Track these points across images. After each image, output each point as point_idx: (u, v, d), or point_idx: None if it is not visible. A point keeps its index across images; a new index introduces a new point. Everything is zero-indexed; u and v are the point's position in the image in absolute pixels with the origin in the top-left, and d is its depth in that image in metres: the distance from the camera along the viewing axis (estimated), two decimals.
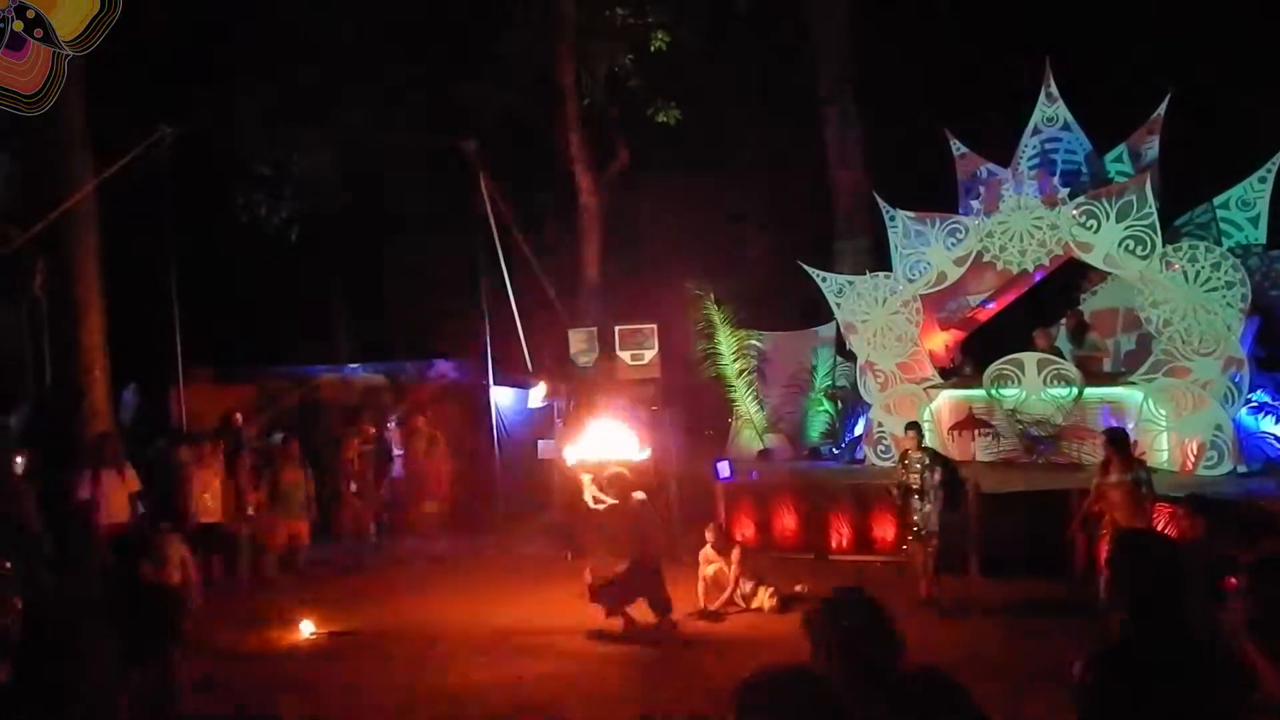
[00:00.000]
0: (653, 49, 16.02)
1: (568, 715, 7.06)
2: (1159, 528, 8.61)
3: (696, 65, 16.74)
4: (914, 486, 9.40)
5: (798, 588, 9.69)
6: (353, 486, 12.60)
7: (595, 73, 16.41)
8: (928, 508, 9.33)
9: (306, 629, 9.47)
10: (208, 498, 11.56)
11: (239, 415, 12.71)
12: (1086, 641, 3.08)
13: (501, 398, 14.91)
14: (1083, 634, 6.62)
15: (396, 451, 14.06)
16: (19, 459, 11.12)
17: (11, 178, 13.79)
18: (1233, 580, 6.48)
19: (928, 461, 9.50)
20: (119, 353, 14.48)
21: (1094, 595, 7.62)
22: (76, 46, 10.44)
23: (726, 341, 14.30)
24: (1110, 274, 12.31)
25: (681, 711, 7.00)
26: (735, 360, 14.29)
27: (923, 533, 9.35)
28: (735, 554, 9.84)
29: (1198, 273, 11.02)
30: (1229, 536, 6.55)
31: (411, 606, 10.26)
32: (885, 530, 11.28)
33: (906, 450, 9.74)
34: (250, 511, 11.65)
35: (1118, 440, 8.90)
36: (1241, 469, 10.69)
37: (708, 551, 9.92)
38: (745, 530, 11.93)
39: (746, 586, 9.71)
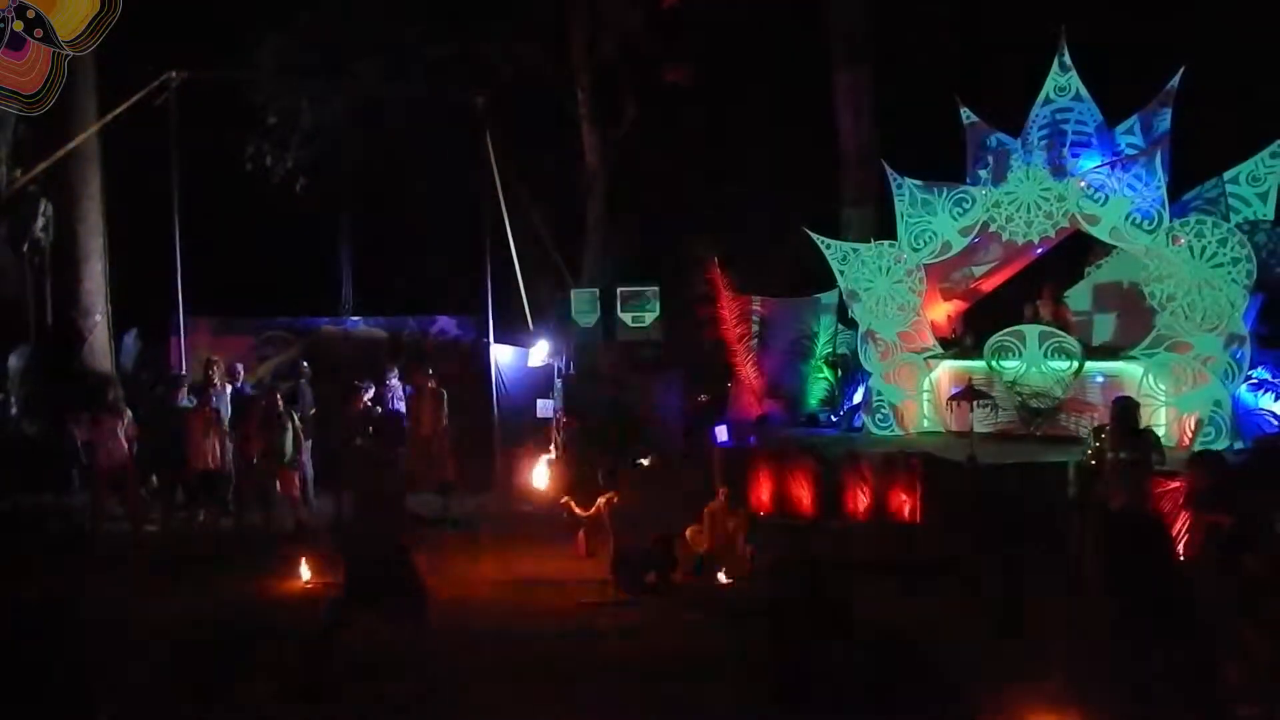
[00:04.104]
0: (664, 7, 15.89)
1: (563, 669, 7.11)
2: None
3: (708, 27, 16.59)
4: None
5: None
6: (358, 441, 12.56)
7: (606, 31, 16.28)
8: None
9: (303, 578, 9.52)
10: (208, 446, 11.61)
11: (219, 365, 12.65)
12: (1074, 614, 3.09)
13: (502, 356, 14.92)
14: (1071, 606, 6.68)
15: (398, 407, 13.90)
16: None
17: (11, 118, 13.71)
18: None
19: None
20: (121, 298, 14.51)
21: (1087, 568, 7.67)
22: (76, 46, 10.54)
23: (729, 306, 14.27)
24: (1116, 247, 12.25)
25: (676, 669, 7.04)
26: (737, 325, 14.27)
27: None
28: (739, 515, 9.83)
29: (1204, 248, 10.95)
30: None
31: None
32: (880, 498, 11.29)
33: None
34: (256, 460, 11.71)
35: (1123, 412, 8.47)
36: (1238, 445, 10.69)
37: (715, 510, 9.90)
38: (741, 494, 11.93)
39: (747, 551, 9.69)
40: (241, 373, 13.51)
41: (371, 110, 17.21)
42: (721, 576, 9.30)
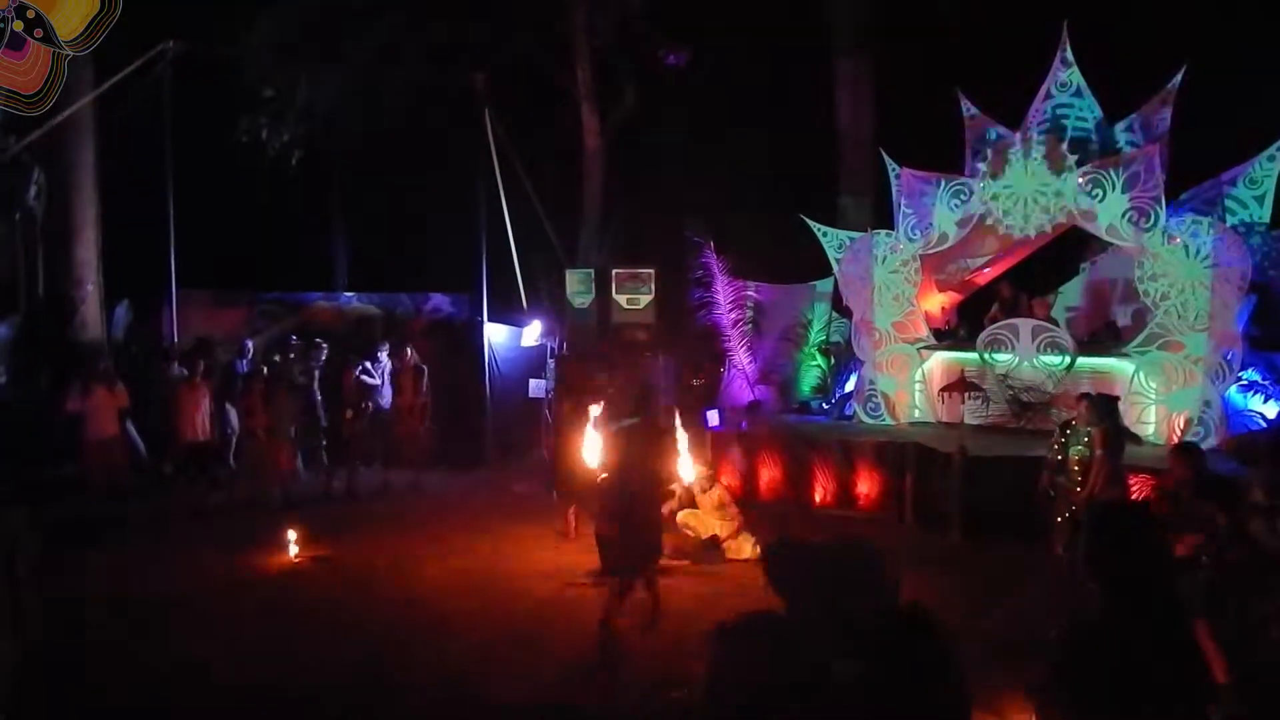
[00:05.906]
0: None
1: (549, 648, 7.16)
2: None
3: (708, 11, 16.46)
4: None
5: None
6: (348, 414, 12.57)
7: (607, 13, 16.14)
8: None
9: (291, 553, 9.56)
10: (199, 418, 11.62)
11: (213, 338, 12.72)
12: (1063, 609, 3.10)
13: (495, 335, 14.90)
14: (1059, 601, 6.73)
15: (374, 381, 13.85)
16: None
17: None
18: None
19: None
20: (113, 269, 14.42)
21: (1071, 563, 7.74)
22: (76, 46, 10.56)
23: (724, 290, 14.26)
24: (1111, 245, 12.27)
25: (659, 654, 7.09)
26: (731, 310, 14.28)
27: None
28: (721, 495, 9.85)
29: (1198, 248, 11.00)
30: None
31: (398, 537, 10.35)
32: (870, 486, 11.37)
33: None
34: (260, 434, 11.73)
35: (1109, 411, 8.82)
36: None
37: (699, 494, 9.90)
38: (731, 480, 11.99)
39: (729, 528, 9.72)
40: (250, 348, 13.46)
41: (368, 87, 17.05)
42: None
